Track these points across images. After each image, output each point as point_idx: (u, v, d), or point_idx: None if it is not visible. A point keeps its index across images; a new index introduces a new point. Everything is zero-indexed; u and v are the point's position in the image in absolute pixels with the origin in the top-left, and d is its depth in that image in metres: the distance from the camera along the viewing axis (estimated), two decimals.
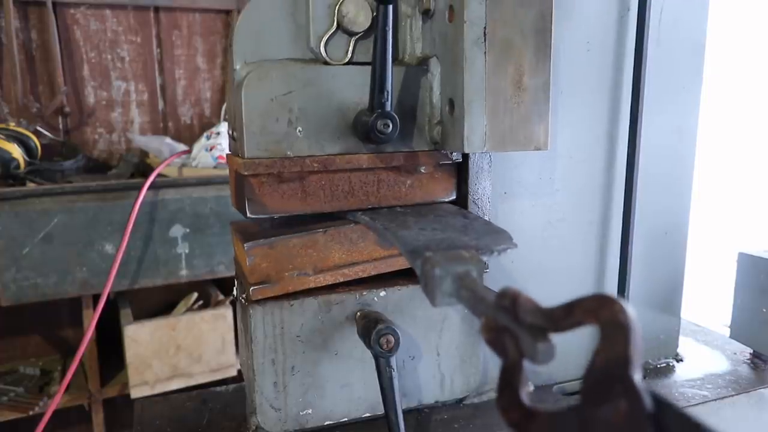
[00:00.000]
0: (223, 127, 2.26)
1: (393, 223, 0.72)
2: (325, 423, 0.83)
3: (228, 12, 2.57)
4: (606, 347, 0.28)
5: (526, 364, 0.36)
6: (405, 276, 0.85)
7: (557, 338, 0.34)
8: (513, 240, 0.65)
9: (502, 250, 0.62)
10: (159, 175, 1.90)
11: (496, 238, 0.66)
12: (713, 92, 1.22)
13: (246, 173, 0.73)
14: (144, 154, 2.39)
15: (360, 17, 0.75)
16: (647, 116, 0.94)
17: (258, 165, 0.73)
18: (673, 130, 1.01)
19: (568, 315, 0.33)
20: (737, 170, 2.89)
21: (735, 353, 1.10)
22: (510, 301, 0.37)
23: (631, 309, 0.29)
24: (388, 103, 0.71)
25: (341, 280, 0.81)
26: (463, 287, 0.47)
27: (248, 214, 0.76)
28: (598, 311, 0.30)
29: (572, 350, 1.00)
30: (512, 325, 0.37)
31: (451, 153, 0.82)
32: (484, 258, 0.56)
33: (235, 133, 0.79)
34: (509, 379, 0.35)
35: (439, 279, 0.49)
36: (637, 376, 0.27)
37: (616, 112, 0.95)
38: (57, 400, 1.76)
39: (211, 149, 2.15)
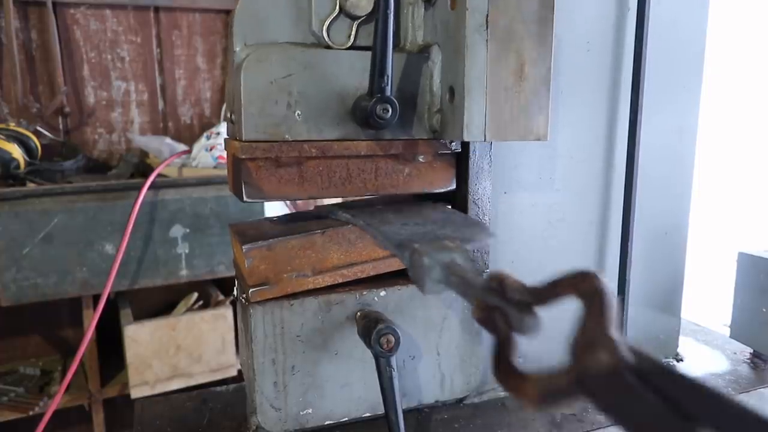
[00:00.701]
0: (223, 127, 2.26)
1: (375, 219, 0.74)
2: (326, 423, 0.83)
3: (228, 12, 2.57)
4: (588, 313, 0.31)
5: (519, 339, 0.39)
6: (405, 276, 0.85)
7: (559, 337, 0.35)
8: (490, 231, 0.68)
9: (481, 240, 0.66)
10: (159, 175, 1.90)
11: (475, 230, 0.70)
12: (713, 92, 1.23)
13: (243, 156, 0.72)
14: (144, 154, 2.39)
15: (362, 1, 0.74)
16: (647, 116, 0.94)
17: (255, 149, 0.73)
18: (673, 130, 1.01)
19: (551, 290, 0.37)
20: (737, 170, 2.89)
21: (735, 353, 1.10)
22: (498, 283, 0.41)
23: (606, 279, 0.33)
24: (388, 88, 0.70)
25: (340, 281, 0.81)
26: (452, 274, 0.50)
27: (245, 198, 0.75)
28: (579, 284, 0.34)
29: None
30: (501, 304, 0.40)
31: (450, 142, 0.81)
32: (467, 248, 0.58)
33: (233, 116, 0.78)
34: (503, 351, 0.39)
35: (428, 268, 0.52)
36: (616, 334, 0.29)
37: (616, 112, 0.95)
38: (57, 400, 1.76)
39: (211, 149, 2.15)
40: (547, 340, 0.45)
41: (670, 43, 0.97)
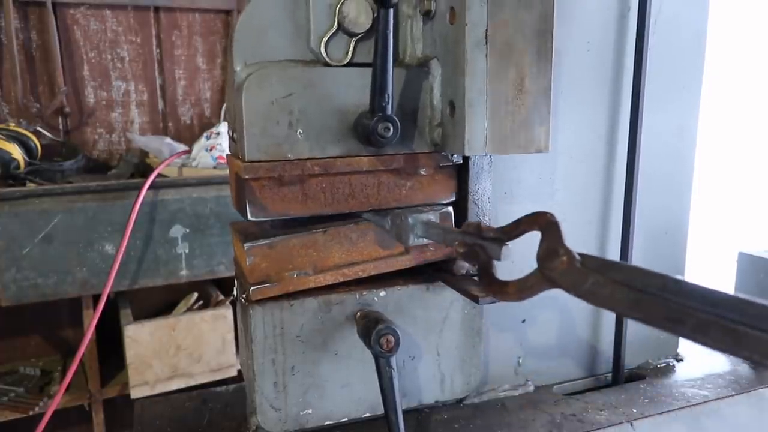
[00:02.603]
0: (223, 127, 2.26)
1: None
2: (325, 423, 0.83)
3: (228, 12, 2.57)
4: (548, 237, 0.48)
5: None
6: (405, 276, 0.85)
7: (560, 340, 0.40)
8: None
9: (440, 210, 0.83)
10: (159, 175, 1.90)
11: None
12: (713, 92, 1.23)
13: (247, 177, 0.73)
14: (144, 154, 2.39)
15: (361, 18, 0.75)
16: (647, 116, 0.94)
17: (258, 168, 0.73)
18: (674, 130, 1.01)
19: (516, 228, 0.55)
20: (737, 170, 2.89)
21: None
22: (474, 227, 0.58)
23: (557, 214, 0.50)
24: (389, 107, 0.70)
25: (341, 280, 0.81)
26: (432, 227, 0.68)
27: (249, 217, 0.75)
28: (536, 220, 0.51)
29: (571, 352, 1.00)
30: (479, 241, 0.57)
31: (452, 155, 0.82)
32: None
33: (235, 135, 0.79)
34: (486, 271, 0.56)
35: (411, 225, 0.69)
36: (568, 244, 0.46)
37: (616, 112, 0.95)
38: (57, 400, 1.76)
39: (211, 149, 2.15)
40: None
41: (671, 42, 0.97)
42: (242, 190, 0.76)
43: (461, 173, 0.85)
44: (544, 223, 0.49)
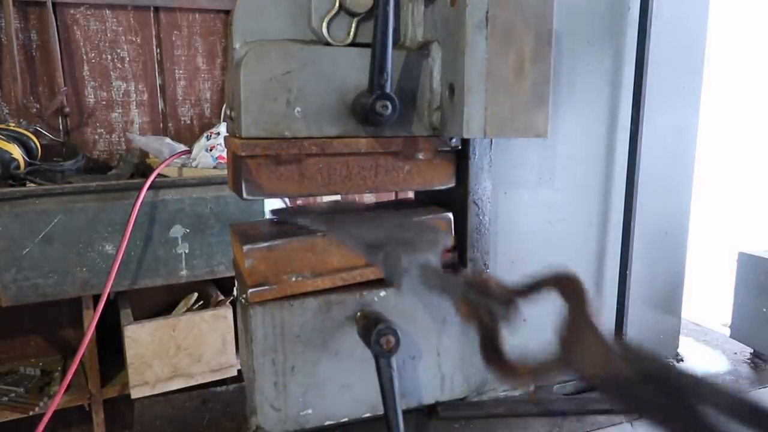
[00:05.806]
0: (223, 128, 2.25)
1: (332, 224, 0.78)
2: (326, 423, 0.83)
3: (228, 12, 2.57)
4: (575, 311, 0.38)
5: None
6: None
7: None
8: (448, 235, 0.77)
9: (441, 245, 0.75)
10: (159, 175, 1.89)
11: (434, 234, 0.76)
12: (714, 92, 1.22)
13: (243, 154, 0.72)
14: (144, 154, 2.39)
15: None
16: (647, 115, 0.94)
17: (255, 146, 0.72)
18: (674, 130, 1.01)
19: (532, 288, 0.45)
20: (737, 170, 2.89)
21: (735, 353, 1.10)
22: (479, 283, 0.48)
23: (583, 279, 0.40)
24: (388, 84, 0.70)
25: (340, 284, 0.81)
26: (429, 273, 0.55)
27: (244, 195, 0.75)
28: (560, 283, 0.41)
29: None
30: (484, 299, 0.47)
31: (451, 139, 0.81)
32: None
33: (233, 113, 0.78)
34: (491, 341, 0.45)
35: (405, 266, 0.57)
36: (596, 318, 0.38)
37: (617, 112, 0.95)
38: (57, 400, 1.75)
39: (211, 149, 2.15)
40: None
41: (671, 42, 0.97)
42: (238, 168, 0.75)
43: (461, 169, 0.85)
44: (569, 290, 0.40)
